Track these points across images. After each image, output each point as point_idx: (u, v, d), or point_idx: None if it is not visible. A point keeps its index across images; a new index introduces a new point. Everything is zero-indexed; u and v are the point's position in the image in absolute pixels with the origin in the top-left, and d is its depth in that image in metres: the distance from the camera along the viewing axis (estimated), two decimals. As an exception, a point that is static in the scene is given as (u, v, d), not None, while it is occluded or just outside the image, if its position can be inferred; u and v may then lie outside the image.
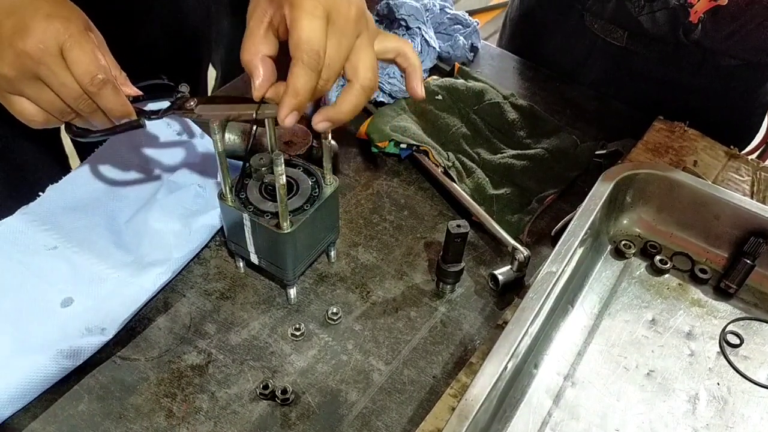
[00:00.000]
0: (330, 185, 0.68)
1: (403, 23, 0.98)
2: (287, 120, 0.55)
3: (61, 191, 0.75)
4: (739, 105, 1.01)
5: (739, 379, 0.68)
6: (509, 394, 0.64)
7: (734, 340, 0.71)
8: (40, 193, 0.74)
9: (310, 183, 0.68)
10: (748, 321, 0.73)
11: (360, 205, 0.83)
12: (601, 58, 1.01)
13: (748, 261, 0.74)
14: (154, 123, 0.81)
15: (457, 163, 0.85)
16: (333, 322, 0.70)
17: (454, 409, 0.56)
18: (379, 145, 0.86)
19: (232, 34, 1.01)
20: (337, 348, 0.68)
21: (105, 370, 0.65)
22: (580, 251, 0.71)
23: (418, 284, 0.74)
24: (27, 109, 0.58)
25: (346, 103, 0.58)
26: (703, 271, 0.77)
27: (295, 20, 0.52)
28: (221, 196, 0.66)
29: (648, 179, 0.77)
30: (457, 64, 1.01)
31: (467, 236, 0.68)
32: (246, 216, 0.65)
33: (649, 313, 0.74)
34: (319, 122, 0.59)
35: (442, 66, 1.02)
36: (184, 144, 0.82)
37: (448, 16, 1.04)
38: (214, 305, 0.71)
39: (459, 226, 0.67)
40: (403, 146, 0.86)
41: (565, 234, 0.70)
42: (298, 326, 0.69)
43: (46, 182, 0.75)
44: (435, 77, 0.98)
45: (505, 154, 0.88)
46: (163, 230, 0.73)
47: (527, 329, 0.61)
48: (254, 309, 0.71)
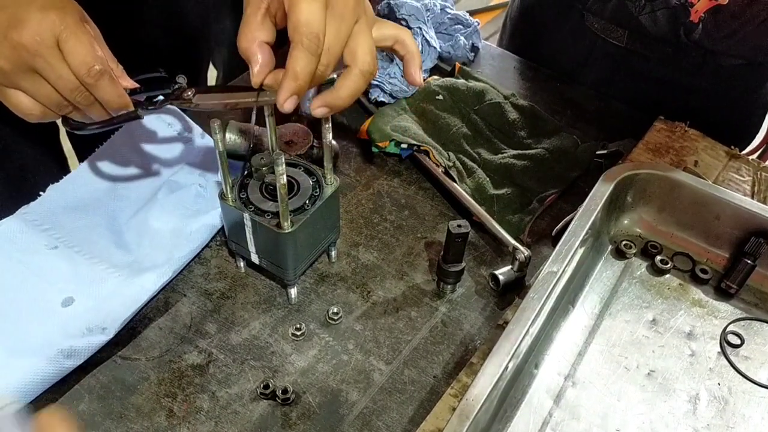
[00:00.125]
0: (331, 185, 0.68)
1: (403, 23, 0.98)
2: (286, 104, 0.54)
3: (62, 191, 0.74)
4: (740, 105, 1.01)
5: (740, 379, 0.68)
6: (510, 394, 0.64)
7: (735, 341, 0.71)
8: (41, 193, 0.74)
9: (311, 183, 0.68)
10: (748, 321, 0.73)
11: (361, 204, 0.83)
12: (601, 57, 1.01)
13: (749, 261, 0.73)
14: (154, 123, 0.82)
15: (457, 163, 0.85)
16: (334, 322, 0.70)
17: (454, 409, 0.56)
18: (380, 144, 0.86)
19: (234, 33, 1.00)
20: (337, 348, 0.68)
21: (106, 370, 0.65)
22: (580, 251, 0.71)
23: (419, 284, 0.74)
24: (23, 103, 0.57)
25: (344, 88, 0.57)
26: (704, 272, 0.77)
27: (293, 4, 0.51)
28: (222, 196, 0.66)
29: (649, 179, 0.77)
30: (458, 64, 1.01)
31: (468, 236, 0.68)
32: (247, 216, 0.65)
33: (650, 313, 0.74)
34: (318, 107, 0.57)
35: (443, 66, 1.02)
36: (184, 144, 0.82)
37: (449, 15, 1.04)
38: (215, 305, 0.71)
39: (460, 226, 0.67)
40: (403, 146, 0.86)
41: (565, 234, 0.70)
42: (298, 326, 0.69)
43: (45, 183, 0.74)
44: (436, 77, 0.97)
45: (505, 154, 0.88)
46: (163, 230, 0.73)
47: (528, 329, 0.61)
48: (255, 309, 0.71)
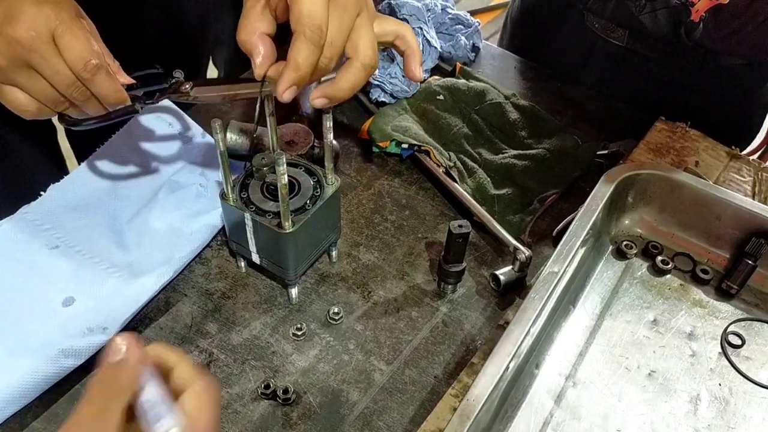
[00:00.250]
0: (331, 185, 0.68)
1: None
2: (285, 94, 0.53)
3: (63, 191, 0.74)
4: (740, 105, 1.01)
5: (741, 379, 0.68)
6: (511, 395, 0.64)
7: (736, 341, 0.71)
8: (42, 193, 0.74)
9: (312, 183, 0.68)
10: (749, 322, 0.73)
11: (361, 204, 0.83)
12: (601, 57, 1.01)
13: (750, 262, 0.73)
14: (155, 123, 0.82)
15: (458, 163, 0.85)
16: (334, 322, 0.70)
17: (455, 410, 0.56)
18: (381, 145, 0.86)
19: (235, 33, 1.00)
20: (338, 348, 0.68)
21: (106, 370, 0.65)
22: (581, 252, 0.71)
23: (420, 284, 0.74)
24: (19, 99, 0.56)
25: (345, 80, 0.56)
26: (705, 272, 0.77)
27: None
28: (223, 196, 0.66)
29: (649, 180, 0.77)
30: (459, 64, 1.01)
31: (469, 236, 0.68)
32: (248, 216, 0.65)
33: (651, 313, 0.74)
34: (317, 98, 0.57)
35: (444, 66, 1.02)
36: (185, 143, 0.82)
37: (450, 16, 1.04)
38: (216, 305, 0.71)
39: (460, 226, 0.67)
40: (404, 146, 0.86)
41: (566, 234, 0.70)
42: (299, 326, 0.69)
43: (42, 184, 0.74)
44: (436, 77, 0.97)
45: (506, 155, 0.88)
46: (164, 230, 0.73)
47: (529, 329, 0.61)
48: (256, 309, 0.71)
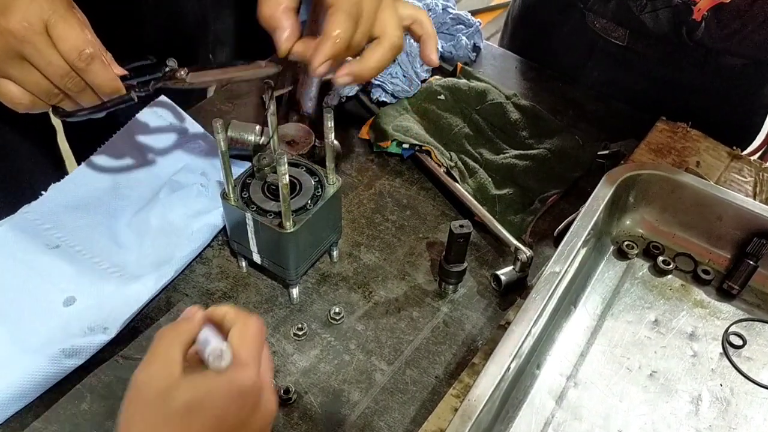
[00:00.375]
0: (333, 185, 0.68)
1: (405, 23, 0.98)
2: (321, 68, 0.54)
3: (63, 190, 0.74)
4: (741, 105, 1.01)
5: (742, 380, 0.68)
6: (512, 395, 0.64)
7: (737, 341, 0.71)
8: (42, 192, 0.74)
9: (313, 183, 0.68)
10: (750, 322, 0.73)
11: (362, 204, 0.83)
12: (602, 57, 1.01)
13: (751, 262, 0.73)
14: (156, 122, 0.82)
15: (459, 163, 0.85)
16: (335, 322, 0.70)
17: (456, 410, 0.56)
18: (382, 145, 0.86)
19: (236, 33, 1.00)
20: (339, 348, 0.68)
21: (107, 370, 0.65)
22: (582, 252, 0.71)
23: (421, 284, 0.74)
24: (12, 92, 0.56)
25: (372, 59, 0.57)
26: (706, 272, 0.76)
27: None
28: (224, 196, 0.66)
29: (651, 180, 0.77)
30: (460, 64, 1.01)
31: (470, 236, 0.68)
32: (249, 215, 0.65)
33: (652, 313, 0.73)
34: (343, 75, 0.57)
35: (445, 66, 1.02)
36: (186, 143, 0.82)
37: (451, 15, 1.04)
38: (217, 305, 0.71)
39: (462, 226, 0.67)
40: (405, 146, 0.86)
41: (567, 234, 0.70)
42: (300, 326, 0.69)
43: (42, 186, 0.74)
44: (437, 77, 0.97)
45: (507, 155, 0.88)
46: (165, 229, 0.73)
47: (530, 330, 0.61)
48: (257, 309, 0.71)
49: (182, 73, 0.60)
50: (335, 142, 0.70)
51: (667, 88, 0.98)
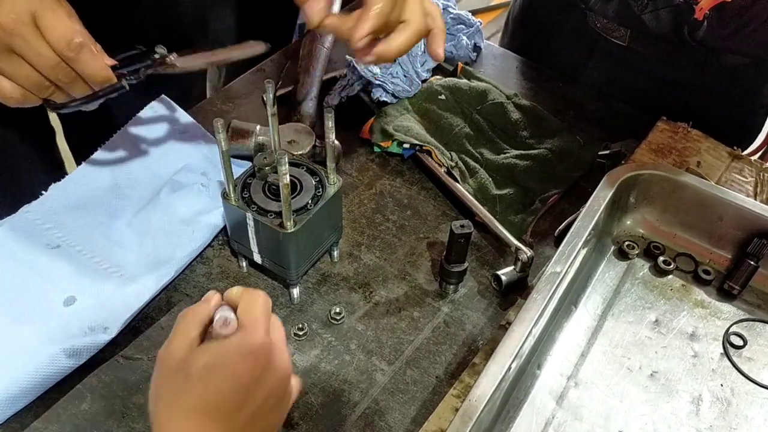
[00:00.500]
0: (333, 185, 0.68)
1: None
2: (361, 42, 0.55)
3: (64, 190, 0.74)
4: (742, 105, 1.01)
5: (743, 380, 0.68)
6: (512, 395, 0.64)
7: (738, 342, 0.71)
8: (43, 192, 0.73)
9: (314, 182, 0.68)
10: (751, 322, 0.73)
11: (363, 204, 0.82)
12: (603, 57, 1.01)
13: (752, 262, 0.73)
14: (156, 122, 0.82)
15: (460, 163, 0.85)
16: (336, 322, 0.70)
17: (457, 410, 0.56)
18: (382, 144, 0.86)
19: (236, 33, 1.00)
20: (340, 348, 0.68)
21: (108, 369, 0.65)
22: (583, 252, 0.71)
23: (421, 284, 0.74)
24: (3, 86, 0.56)
25: (398, 41, 0.59)
26: (707, 272, 0.76)
27: None
28: (225, 196, 0.66)
29: (651, 180, 0.77)
30: (461, 64, 1.01)
31: (470, 236, 0.68)
32: (249, 215, 0.65)
33: (653, 314, 0.73)
34: (368, 55, 0.59)
35: (446, 66, 1.02)
36: (186, 143, 0.82)
37: (452, 15, 1.04)
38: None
39: (462, 226, 0.67)
40: (406, 146, 0.86)
41: (568, 235, 0.69)
42: (301, 326, 0.69)
43: (41, 186, 0.74)
44: (438, 77, 0.97)
45: (508, 155, 0.88)
46: (165, 229, 0.73)
47: (530, 330, 0.61)
48: (257, 308, 0.71)
49: (171, 58, 0.61)
50: (336, 142, 0.70)
51: (667, 87, 0.98)
